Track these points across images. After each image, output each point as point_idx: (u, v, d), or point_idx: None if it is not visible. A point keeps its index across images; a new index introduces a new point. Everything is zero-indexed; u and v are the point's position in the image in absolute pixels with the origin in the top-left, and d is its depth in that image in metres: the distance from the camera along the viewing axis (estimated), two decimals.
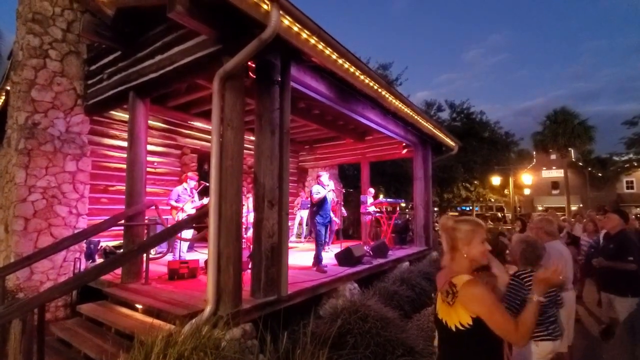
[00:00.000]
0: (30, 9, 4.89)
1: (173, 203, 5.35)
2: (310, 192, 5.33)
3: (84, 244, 5.15)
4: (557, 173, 33.90)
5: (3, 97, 6.61)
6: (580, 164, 32.28)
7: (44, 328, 2.81)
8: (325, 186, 5.34)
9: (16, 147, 4.75)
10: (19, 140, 4.72)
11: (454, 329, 1.39)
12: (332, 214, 5.55)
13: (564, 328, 2.55)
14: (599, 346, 4.16)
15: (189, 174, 5.76)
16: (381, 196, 14.94)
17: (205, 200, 5.41)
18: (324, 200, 5.25)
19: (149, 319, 3.00)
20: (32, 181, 4.74)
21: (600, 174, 31.30)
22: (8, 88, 5.73)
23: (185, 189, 5.50)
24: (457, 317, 1.38)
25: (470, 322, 1.36)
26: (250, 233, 4.24)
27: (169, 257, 5.27)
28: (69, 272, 4.95)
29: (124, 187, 4.64)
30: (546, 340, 2.28)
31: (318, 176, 5.53)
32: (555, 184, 34.99)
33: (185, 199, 5.41)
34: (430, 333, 3.55)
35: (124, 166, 4.70)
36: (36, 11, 4.91)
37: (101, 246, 5.44)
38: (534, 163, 35.55)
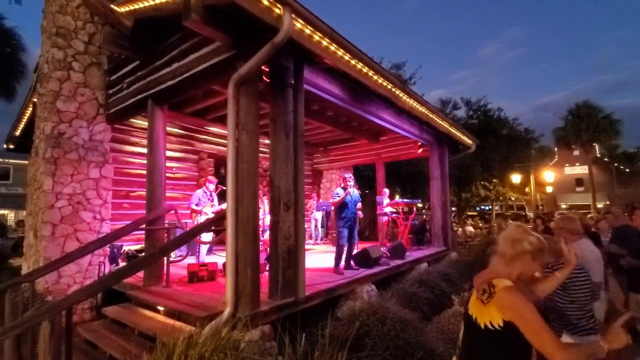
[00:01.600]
0: (54, 24, 5.11)
1: (194, 207, 5.47)
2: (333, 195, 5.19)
3: (107, 248, 5.32)
4: (580, 169, 32.64)
5: (30, 109, 6.93)
6: (606, 159, 30.97)
7: (71, 329, 2.91)
8: (345, 188, 5.12)
9: (43, 156, 4.96)
10: (46, 150, 4.93)
11: (482, 326, 1.39)
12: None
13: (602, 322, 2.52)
14: (630, 348, 3.97)
15: (209, 177, 5.88)
16: (397, 197, 14.78)
17: (224, 205, 5.45)
18: (344, 202, 5.09)
19: (170, 321, 3.06)
20: (59, 188, 4.94)
21: (627, 170, 29.95)
22: (35, 100, 6.00)
23: (205, 192, 5.61)
24: (488, 316, 1.38)
25: (501, 324, 1.35)
26: (267, 235, 4.27)
27: (189, 260, 5.38)
28: (94, 275, 5.12)
29: (145, 193, 4.77)
30: (590, 334, 2.29)
31: (344, 179, 5.26)
32: (579, 181, 33.71)
33: (205, 203, 5.52)
34: (451, 335, 3.47)
35: (144, 172, 4.83)
36: (59, 25, 5.12)
37: (124, 250, 5.61)
38: (555, 160, 34.35)
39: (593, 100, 23.66)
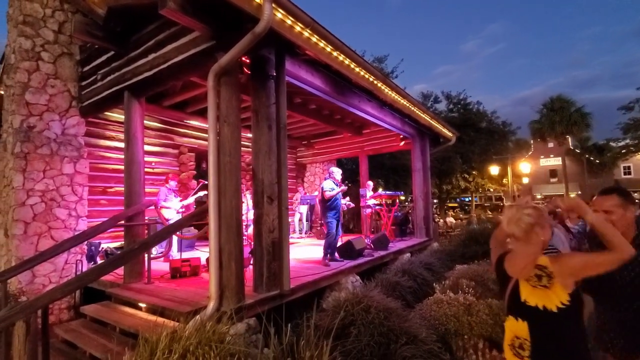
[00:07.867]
0: (20, 12, 4.84)
1: (164, 204, 5.54)
2: (322, 188, 5.35)
3: (85, 246, 5.15)
4: (554, 161, 33.93)
5: None
6: (578, 151, 32.28)
7: (47, 329, 2.81)
8: (338, 183, 5.38)
9: (12, 151, 4.73)
10: (15, 144, 4.69)
11: (555, 309, 1.42)
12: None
13: None
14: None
15: (169, 175, 5.96)
16: (380, 189, 14.96)
17: (191, 199, 5.86)
18: (336, 196, 5.30)
19: (152, 317, 3.01)
20: (30, 185, 4.72)
21: (597, 161, 31.32)
22: (1, 92, 5.69)
23: (169, 189, 5.70)
24: (556, 297, 1.43)
25: (569, 298, 1.41)
26: (251, 230, 4.25)
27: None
28: (71, 275, 4.95)
29: (123, 188, 4.63)
30: None
31: (330, 172, 5.51)
32: (553, 172, 35.04)
33: (172, 199, 5.63)
34: (433, 322, 3.56)
35: (122, 167, 4.69)
36: (27, 13, 4.85)
37: (102, 248, 5.44)
38: (531, 152, 35.55)
39: (566, 94, 24.48)
